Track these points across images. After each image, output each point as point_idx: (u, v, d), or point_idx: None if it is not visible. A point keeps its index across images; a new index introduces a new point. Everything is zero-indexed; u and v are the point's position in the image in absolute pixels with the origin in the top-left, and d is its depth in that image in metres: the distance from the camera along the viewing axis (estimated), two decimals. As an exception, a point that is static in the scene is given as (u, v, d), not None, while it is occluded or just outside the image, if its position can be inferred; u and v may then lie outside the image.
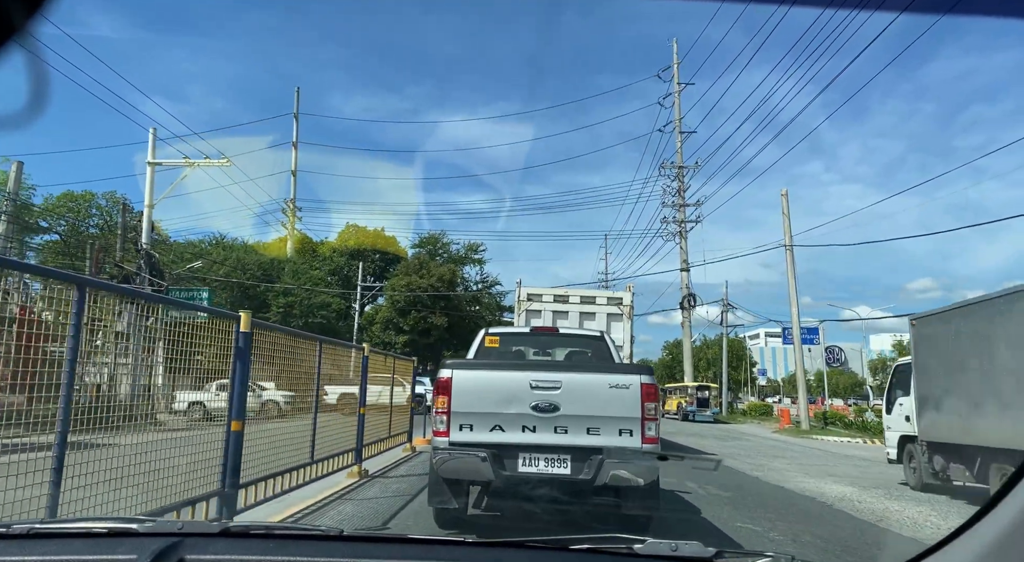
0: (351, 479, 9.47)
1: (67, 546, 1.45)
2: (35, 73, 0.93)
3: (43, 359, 3.73)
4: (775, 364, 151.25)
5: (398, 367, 13.65)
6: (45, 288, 4.42)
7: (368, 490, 8.93)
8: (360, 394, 9.91)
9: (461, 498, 5.80)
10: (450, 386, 5.57)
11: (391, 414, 12.45)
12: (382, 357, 12.18)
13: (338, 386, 10.21)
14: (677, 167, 44.67)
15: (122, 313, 5.07)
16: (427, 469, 5.84)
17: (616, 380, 5.53)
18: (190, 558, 1.36)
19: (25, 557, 1.40)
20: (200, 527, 1.54)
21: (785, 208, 30.14)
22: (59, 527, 1.58)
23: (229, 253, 43.11)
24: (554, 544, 1.51)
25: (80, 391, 4.08)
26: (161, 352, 5.38)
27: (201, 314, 5.86)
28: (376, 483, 9.52)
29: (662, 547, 1.48)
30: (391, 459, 12.10)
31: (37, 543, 1.47)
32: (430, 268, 50.76)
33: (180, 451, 4.99)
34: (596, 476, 5.31)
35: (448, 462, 5.42)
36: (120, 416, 4.38)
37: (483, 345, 7.82)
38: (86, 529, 1.54)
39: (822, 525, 7.89)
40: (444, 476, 5.55)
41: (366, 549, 1.50)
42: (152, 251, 28.26)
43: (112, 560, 1.37)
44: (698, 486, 10.51)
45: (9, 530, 1.50)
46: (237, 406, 5.57)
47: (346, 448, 9.44)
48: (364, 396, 9.93)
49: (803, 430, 29.82)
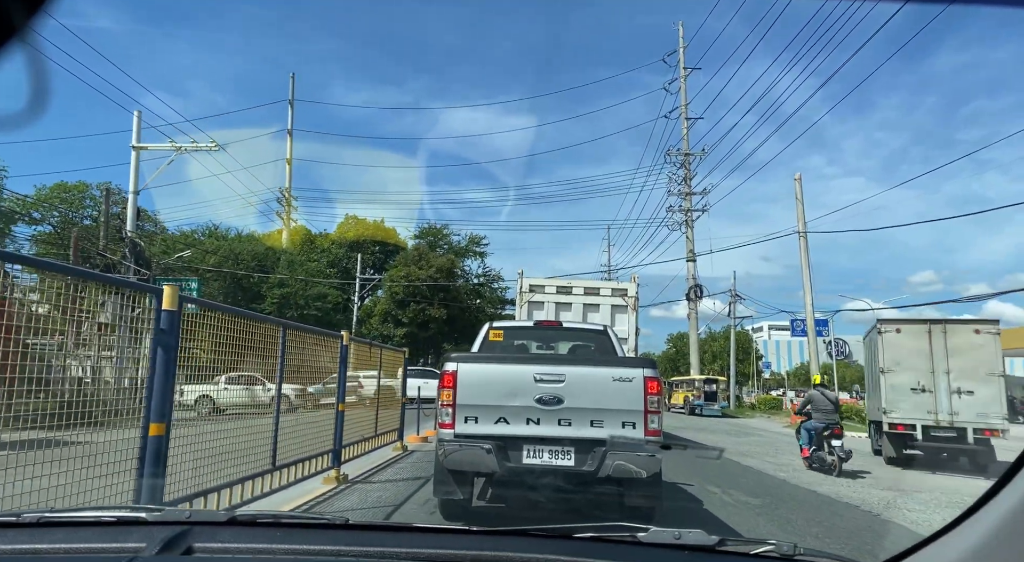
0: (327, 486, 8.28)
1: (77, 534, 1.45)
2: (36, 72, 0.92)
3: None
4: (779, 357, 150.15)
5: (387, 359, 12.44)
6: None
7: (344, 499, 7.74)
8: (338, 389, 8.69)
9: (466, 489, 5.88)
10: (455, 379, 5.64)
11: (378, 410, 11.23)
12: (366, 347, 10.95)
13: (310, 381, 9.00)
14: (684, 154, 43.31)
15: (104, 303, 4.72)
16: (417, 471, 6.13)
17: (619, 373, 5.61)
18: (198, 546, 1.38)
19: (36, 545, 1.41)
20: (208, 516, 1.58)
21: (798, 193, 28.83)
22: (69, 516, 1.59)
23: (222, 243, 41.83)
24: (558, 532, 1.51)
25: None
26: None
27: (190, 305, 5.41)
28: (356, 490, 8.32)
29: (665, 535, 1.48)
30: (378, 460, 10.89)
31: (47, 531, 1.47)
32: (429, 259, 49.70)
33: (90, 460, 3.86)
34: (599, 468, 5.38)
35: (453, 454, 5.51)
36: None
37: (487, 338, 7.86)
38: (96, 518, 1.56)
39: (882, 539, 6.84)
40: (449, 468, 5.62)
41: (371, 537, 1.49)
42: (137, 239, 27.02)
43: (121, 548, 1.38)
44: (721, 491, 9.33)
45: (20, 518, 1.51)
46: (158, 403, 4.36)
47: (321, 450, 8.24)
48: (343, 391, 8.72)
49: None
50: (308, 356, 8.08)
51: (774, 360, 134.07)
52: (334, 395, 8.83)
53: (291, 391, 9.61)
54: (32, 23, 0.89)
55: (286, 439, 7.09)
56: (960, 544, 1.17)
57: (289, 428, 7.26)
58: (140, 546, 1.35)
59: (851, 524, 7.59)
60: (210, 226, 45.96)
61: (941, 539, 1.24)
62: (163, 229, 45.82)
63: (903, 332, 14.00)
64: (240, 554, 1.39)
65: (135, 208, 27.20)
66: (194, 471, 5.10)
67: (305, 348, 7.68)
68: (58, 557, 1.40)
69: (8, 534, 1.45)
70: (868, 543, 6.59)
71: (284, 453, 7.02)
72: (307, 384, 8.58)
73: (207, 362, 5.94)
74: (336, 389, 8.74)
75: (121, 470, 4.17)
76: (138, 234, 31.93)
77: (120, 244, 26.60)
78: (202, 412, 6.68)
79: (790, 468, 12.77)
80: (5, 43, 0.88)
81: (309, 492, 7.71)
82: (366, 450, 10.58)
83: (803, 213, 28.73)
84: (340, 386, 8.71)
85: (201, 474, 5.13)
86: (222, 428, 5.81)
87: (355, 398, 10.07)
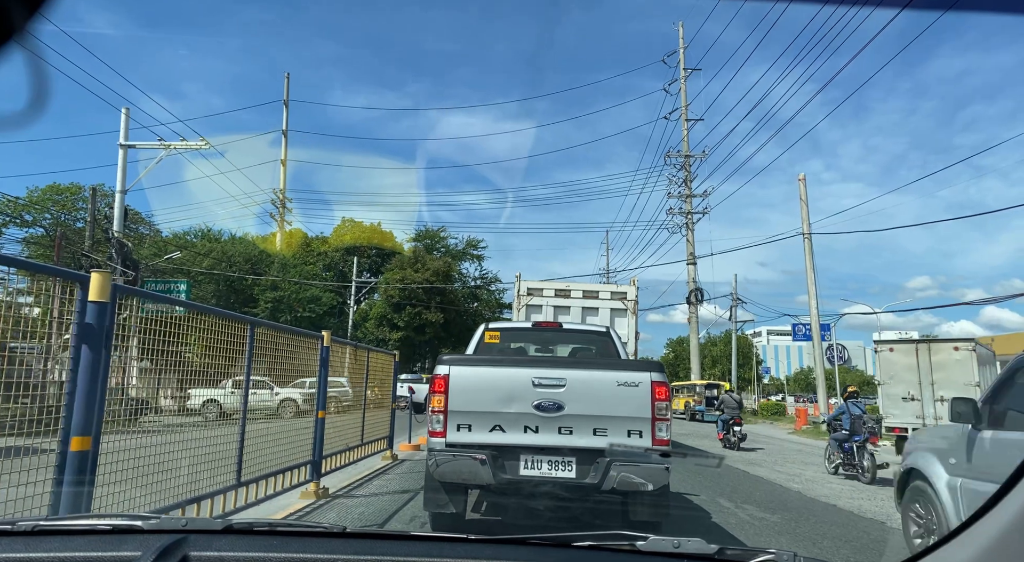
0: (305, 500, 7.56)
1: (71, 543, 1.42)
2: (36, 73, 0.91)
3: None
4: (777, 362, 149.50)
5: (376, 362, 11.73)
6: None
7: (322, 516, 7.00)
8: (318, 394, 7.97)
9: (459, 502, 5.45)
10: (447, 383, 5.22)
11: (364, 416, 10.49)
12: (351, 349, 10.21)
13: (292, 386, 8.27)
14: (684, 156, 42.66)
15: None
16: (405, 484, 5.54)
17: (625, 378, 5.21)
18: (194, 555, 1.36)
19: (30, 554, 1.39)
20: (204, 524, 1.52)
21: (803, 194, 28.16)
22: (63, 524, 1.53)
23: (214, 245, 41.04)
24: (557, 541, 1.49)
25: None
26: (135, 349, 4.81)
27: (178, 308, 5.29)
28: (336, 506, 7.58)
29: (665, 544, 1.47)
30: (364, 470, 10.17)
31: (41, 540, 1.44)
32: (426, 262, 48.99)
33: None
34: (603, 480, 5.01)
35: (445, 464, 5.12)
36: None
37: (483, 340, 7.51)
38: (90, 526, 1.52)
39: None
40: (441, 479, 5.22)
41: (368, 546, 1.48)
42: (124, 240, 26.26)
43: (117, 557, 1.37)
44: (734, 505, 8.63)
45: (14, 527, 1.48)
46: (81, 413, 3.64)
47: (299, 461, 7.52)
48: (323, 397, 7.99)
49: (823, 432, 27.84)
50: (286, 358, 7.38)
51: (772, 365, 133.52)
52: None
53: (299, 395, 8.98)
54: (31, 24, 0.89)
55: (257, 450, 6.38)
56: (963, 551, 1.14)
57: (261, 437, 6.55)
58: (135, 555, 1.34)
59: (880, 540, 6.89)
60: (203, 228, 45.07)
61: (944, 547, 1.21)
62: (156, 231, 45.07)
63: (896, 351, 17.25)
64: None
65: (122, 207, 26.48)
66: (144, 489, 4.41)
67: (280, 349, 6.95)
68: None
69: (2, 542, 1.44)
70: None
71: (255, 466, 6.31)
72: (283, 387, 7.87)
73: (200, 366, 5.55)
74: (316, 394, 8.01)
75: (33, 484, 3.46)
76: (127, 235, 31.20)
77: (107, 245, 25.88)
78: (208, 417, 6.24)
79: (803, 479, 12.05)
80: (5, 44, 0.88)
81: (283, 508, 6.98)
82: (351, 460, 9.86)
83: (807, 214, 28.08)
84: (320, 391, 7.98)
85: (145, 494, 4.41)
86: (176, 438, 5.10)
87: (335, 408, 9.35)
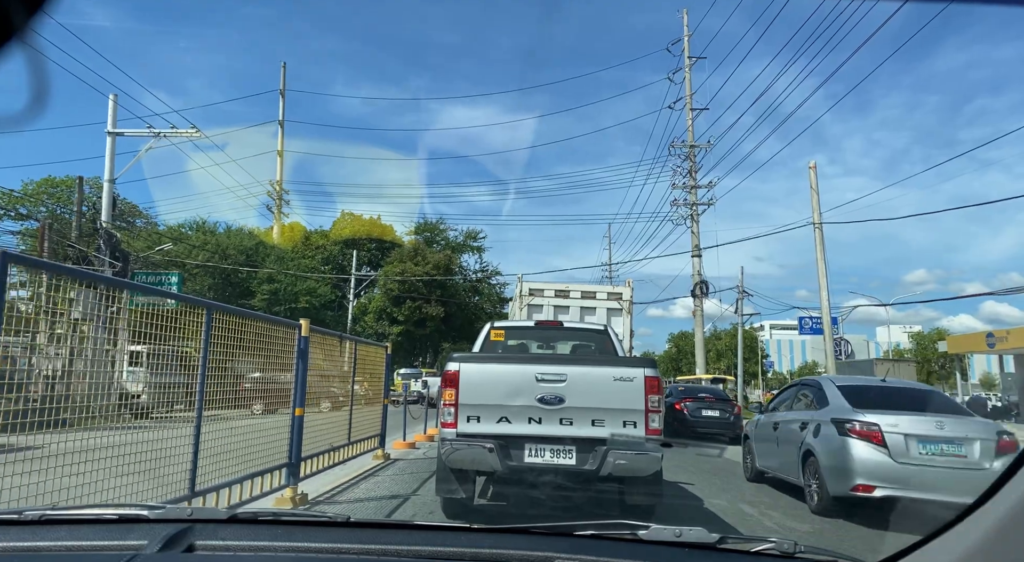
0: (280, 508, 6.74)
1: (78, 532, 1.43)
2: (36, 72, 0.91)
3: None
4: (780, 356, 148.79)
5: (366, 354, 10.91)
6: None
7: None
8: (294, 390, 7.14)
9: (468, 488, 5.92)
10: (458, 379, 5.69)
11: (351, 413, 9.67)
12: (336, 340, 9.38)
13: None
14: (689, 145, 41.73)
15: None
16: (396, 487, 5.95)
17: (620, 373, 5.64)
18: (200, 544, 1.37)
19: (37, 542, 1.40)
20: (209, 513, 1.53)
21: (814, 182, 27.21)
22: (70, 514, 1.55)
23: (209, 237, 40.19)
24: (559, 530, 1.51)
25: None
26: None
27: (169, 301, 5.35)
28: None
29: (666, 533, 1.48)
30: (352, 472, 9.34)
31: (49, 529, 1.45)
32: (425, 255, 48.15)
33: None
34: (600, 467, 5.43)
35: (456, 452, 5.58)
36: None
37: (489, 338, 7.88)
38: (97, 515, 1.53)
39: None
40: (452, 466, 5.71)
41: (372, 535, 1.48)
42: (113, 231, 25.44)
43: (123, 546, 1.37)
44: (758, 512, 7.82)
45: (21, 516, 1.49)
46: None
47: (272, 465, 6.71)
48: (301, 392, 7.16)
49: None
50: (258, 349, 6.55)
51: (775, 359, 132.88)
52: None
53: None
54: (32, 23, 0.88)
55: (217, 454, 5.58)
56: (961, 540, 1.14)
57: (223, 438, 5.74)
58: (142, 543, 1.34)
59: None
60: (198, 220, 44.20)
61: (942, 536, 1.21)
62: (153, 223, 44.22)
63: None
64: (241, 552, 1.39)
65: (111, 197, 25.64)
66: (66, 500, 3.59)
67: (245, 337, 6.11)
68: (60, 555, 1.38)
69: (10, 532, 1.44)
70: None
71: (213, 474, 5.50)
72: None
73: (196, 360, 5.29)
74: (292, 389, 7.19)
75: None
76: (118, 227, 30.41)
77: (96, 236, 25.10)
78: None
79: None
80: (5, 43, 0.87)
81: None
82: (337, 461, 9.05)
83: (818, 203, 27.17)
84: (297, 387, 7.16)
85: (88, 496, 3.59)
86: (106, 443, 4.28)
87: (316, 408, 8.53)
